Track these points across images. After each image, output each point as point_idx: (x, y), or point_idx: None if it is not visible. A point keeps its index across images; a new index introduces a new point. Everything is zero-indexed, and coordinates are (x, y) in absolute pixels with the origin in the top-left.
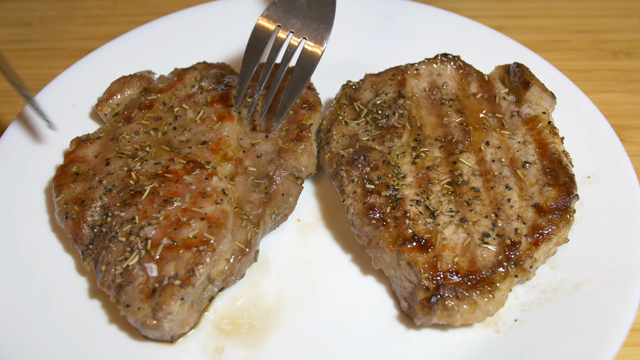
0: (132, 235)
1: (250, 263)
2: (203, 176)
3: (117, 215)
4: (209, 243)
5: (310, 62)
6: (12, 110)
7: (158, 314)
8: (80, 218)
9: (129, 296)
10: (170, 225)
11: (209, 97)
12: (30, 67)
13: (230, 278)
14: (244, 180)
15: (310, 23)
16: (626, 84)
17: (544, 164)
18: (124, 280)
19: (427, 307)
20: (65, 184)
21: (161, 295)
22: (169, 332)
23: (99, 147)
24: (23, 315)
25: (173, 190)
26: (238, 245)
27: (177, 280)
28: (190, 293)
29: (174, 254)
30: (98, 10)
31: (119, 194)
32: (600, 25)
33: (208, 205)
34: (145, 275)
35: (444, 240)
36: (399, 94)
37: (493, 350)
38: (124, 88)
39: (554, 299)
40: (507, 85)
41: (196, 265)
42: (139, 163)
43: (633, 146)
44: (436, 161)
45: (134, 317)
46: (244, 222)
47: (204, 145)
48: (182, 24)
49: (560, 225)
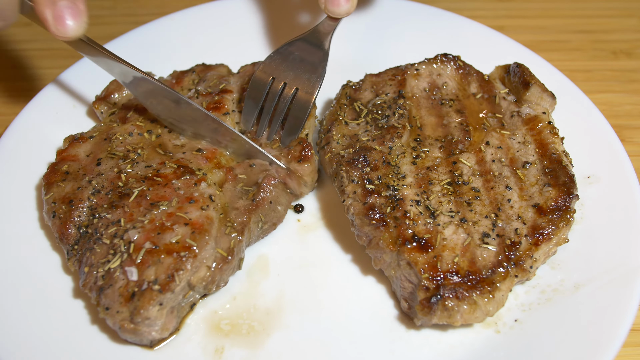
0: (116, 238)
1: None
2: (192, 181)
3: (103, 217)
4: (191, 249)
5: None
6: (12, 110)
7: (136, 318)
8: (67, 218)
9: (109, 299)
10: (154, 230)
11: (204, 102)
12: (30, 67)
13: (211, 285)
14: (233, 187)
15: (302, 74)
16: (626, 84)
17: (544, 164)
18: (105, 283)
19: (427, 307)
20: (55, 182)
21: (140, 300)
22: (147, 337)
23: (92, 146)
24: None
25: (161, 194)
26: (220, 253)
27: (157, 285)
28: (169, 298)
29: (155, 258)
30: (98, 10)
31: (107, 196)
32: (600, 25)
33: (194, 211)
34: (125, 278)
35: (444, 241)
36: (399, 94)
37: (493, 350)
38: (122, 87)
39: (554, 299)
40: (507, 85)
41: (176, 271)
42: (129, 165)
43: (633, 146)
44: (436, 161)
45: (112, 320)
46: (228, 229)
47: (199, 153)
48: (182, 24)
49: (560, 225)
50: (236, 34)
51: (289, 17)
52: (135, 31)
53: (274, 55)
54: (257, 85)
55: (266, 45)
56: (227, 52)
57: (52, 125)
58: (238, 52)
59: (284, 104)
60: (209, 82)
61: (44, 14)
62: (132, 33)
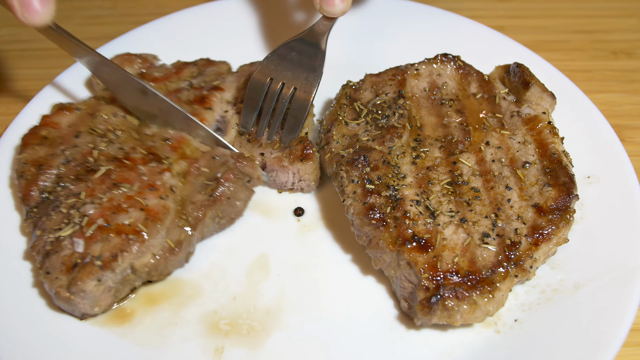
0: (73, 209)
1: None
2: (157, 170)
3: (66, 187)
4: (140, 234)
5: (301, 108)
6: (12, 110)
7: (72, 288)
8: (33, 180)
9: (51, 264)
10: (110, 209)
11: (192, 95)
12: (30, 67)
13: (154, 272)
14: (194, 180)
15: (300, 74)
16: (626, 84)
17: (544, 164)
18: (52, 249)
19: (427, 307)
20: (31, 144)
21: (80, 272)
22: (80, 309)
23: (76, 118)
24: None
25: (125, 176)
26: (169, 244)
27: (99, 261)
28: (108, 277)
29: (104, 235)
30: (98, 10)
31: (76, 168)
32: (600, 25)
33: (152, 199)
34: (72, 249)
35: (444, 241)
36: (399, 94)
37: (493, 350)
38: (124, 65)
39: (554, 299)
40: (507, 85)
41: (121, 251)
42: (104, 143)
43: (633, 146)
44: (436, 161)
45: (50, 284)
46: (182, 221)
47: (165, 142)
48: (182, 24)
49: (560, 225)
50: (236, 34)
51: (289, 16)
52: (135, 31)
53: (271, 56)
54: (256, 86)
55: (266, 45)
56: (227, 52)
57: None
58: (238, 52)
59: (283, 104)
60: (205, 77)
61: (10, 0)
62: (132, 33)
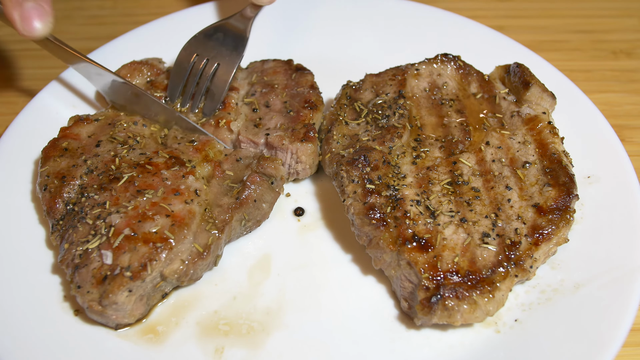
0: (99, 220)
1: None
2: (181, 173)
3: (91, 197)
4: (168, 241)
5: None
6: (12, 110)
7: (104, 301)
8: (57, 192)
9: (82, 278)
10: (136, 217)
11: None
12: (30, 67)
13: (184, 278)
14: (219, 183)
15: (224, 51)
16: (626, 84)
17: (544, 164)
18: (81, 262)
19: (427, 307)
20: (52, 156)
21: (110, 284)
22: (113, 320)
23: (95, 128)
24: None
25: (149, 182)
26: (197, 248)
27: (128, 272)
28: (139, 286)
29: (131, 245)
30: (98, 10)
31: (99, 177)
32: (600, 25)
33: (177, 203)
34: (100, 261)
35: (444, 241)
36: (399, 94)
37: (493, 350)
38: (134, 74)
39: (554, 299)
40: (507, 85)
41: (150, 260)
42: (126, 150)
43: (633, 146)
44: (436, 161)
45: (82, 299)
46: (209, 225)
47: (191, 144)
48: (182, 24)
49: (560, 225)
50: None
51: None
52: (135, 31)
53: (199, 35)
54: (182, 61)
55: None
56: None
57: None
58: None
59: (206, 77)
60: None
61: (11, 15)
62: (132, 33)
